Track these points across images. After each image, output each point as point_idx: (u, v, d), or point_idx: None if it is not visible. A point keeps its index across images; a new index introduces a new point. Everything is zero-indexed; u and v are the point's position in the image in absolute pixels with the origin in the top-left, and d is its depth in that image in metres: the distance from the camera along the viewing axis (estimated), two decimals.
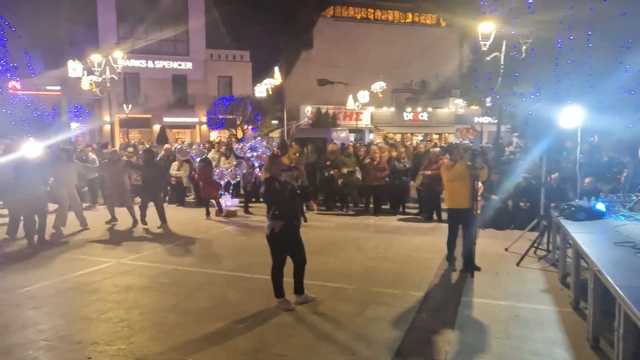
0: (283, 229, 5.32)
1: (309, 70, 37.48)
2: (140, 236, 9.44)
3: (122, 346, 4.50)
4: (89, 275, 6.75)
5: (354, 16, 41.53)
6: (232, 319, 5.15)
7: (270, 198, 5.40)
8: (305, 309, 5.45)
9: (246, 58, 36.12)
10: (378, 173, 11.44)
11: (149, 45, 32.53)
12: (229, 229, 10.39)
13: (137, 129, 31.88)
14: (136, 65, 31.73)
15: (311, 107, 34.57)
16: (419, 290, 6.09)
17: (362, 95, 28.89)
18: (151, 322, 5.09)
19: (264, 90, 31.01)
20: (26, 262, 7.57)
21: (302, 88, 36.66)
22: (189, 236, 9.45)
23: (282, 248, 5.43)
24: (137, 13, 31.93)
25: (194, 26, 33.98)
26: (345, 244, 8.81)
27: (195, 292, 6.04)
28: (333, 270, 7.01)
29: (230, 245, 8.89)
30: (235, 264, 7.32)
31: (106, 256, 7.82)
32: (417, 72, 40.33)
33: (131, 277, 6.67)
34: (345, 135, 24.04)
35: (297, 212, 5.68)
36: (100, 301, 5.72)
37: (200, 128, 34.75)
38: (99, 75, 17.97)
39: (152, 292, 6.09)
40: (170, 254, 8.06)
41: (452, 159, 7.33)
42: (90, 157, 13.64)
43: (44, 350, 4.44)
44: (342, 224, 10.80)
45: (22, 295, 5.91)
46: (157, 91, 32.86)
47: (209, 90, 34.41)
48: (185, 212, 12.48)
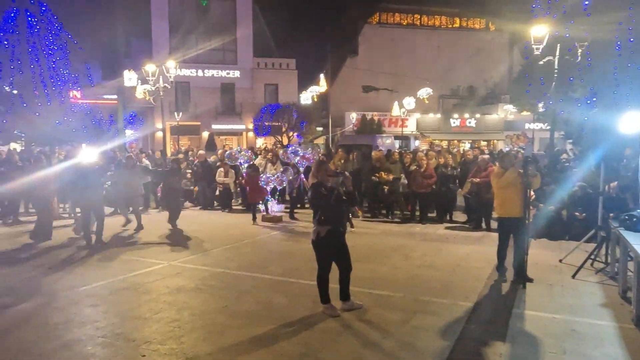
0: (328, 234, 5.34)
1: (354, 77, 37.49)
2: (190, 240, 9.72)
3: (173, 346, 4.65)
4: (143, 276, 7.01)
5: (399, 22, 41.26)
6: (278, 323, 5.21)
7: (317, 203, 5.45)
8: (351, 315, 5.43)
9: (292, 66, 36.64)
10: (425, 180, 11.28)
11: (199, 54, 33.62)
12: (275, 234, 10.53)
13: (187, 136, 32.94)
14: (187, 74, 32.83)
15: (356, 113, 34.57)
16: (467, 301, 5.95)
17: (407, 101, 28.61)
18: (201, 323, 5.23)
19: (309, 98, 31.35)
20: (85, 262, 7.97)
21: (347, 95, 36.72)
22: (236, 241, 9.64)
23: (327, 253, 5.45)
24: (188, 24, 33.10)
25: (242, 36, 34.84)
26: (391, 251, 8.73)
27: (243, 296, 6.15)
28: (379, 277, 6.96)
29: (276, 250, 9.00)
30: (281, 269, 7.40)
31: (158, 258, 8.10)
32: (464, 78, 39.52)
33: (181, 279, 6.87)
34: (391, 142, 23.88)
35: (343, 218, 5.69)
36: (153, 301, 5.93)
37: (246, 135, 35.47)
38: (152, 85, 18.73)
39: (201, 294, 6.25)
40: (218, 257, 8.25)
41: (503, 166, 7.13)
42: (144, 162, 14.22)
43: (101, 347, 4.65)
44: (387, 231, 10.71)
45: (82, 294, 6.22)
46: (206, 99, 33.86)
47: (255, 98, 35.11)
48: (233, 217, 12.75)
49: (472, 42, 39.90)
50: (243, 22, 34.85)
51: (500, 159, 7.96)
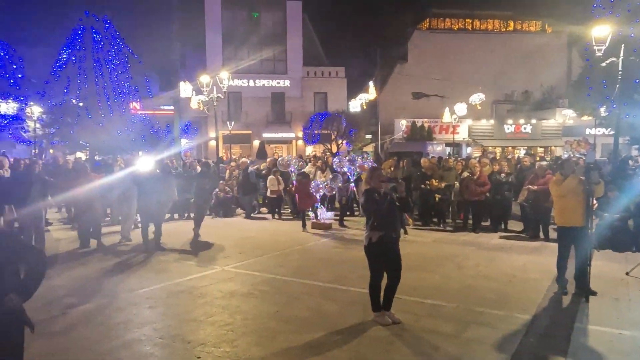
0: (380, 240, 5.30)
1: (404, 83, 37.17)
2: (241, 246, 9.91)
3: (227, 349, 4.75)
4: (197, 280, 7.23)
5: (450, 27, 40.61)
6: (329, 330, 5.21)
7: (370, 209, 5.43)
8: (402, 324, 5.34)
9: (341, 74, 36.84)
10: (478, 188, 10.97)
11: (251, 65, 34.49)
12: (325, 241, 10.56)
13: (239, 145, 33.77)
14: (239, 84, 33.73)
15: (406, 120, 34.21)
16: (525, 313, 5.71)
17: (459, 107, 27.99)
18: (253, 327, 5.32)
19: (359, 105, 31.33)
20: (144, 266, 8.31)
21: (397, 102, 36.43)
22: (286, 247, 9.75)
23: (379, 260, 5.39)
24: (240, 36, 34.09)
25: (292, 45, 35.46)
26: (443, 260, 8.54)
27: (294, 302, 6.20)
28: (431, 286, 6.82)
29: (326, 257, 9.02)
30: (331, 276, 7.40)
31: (211, 263, 8.32)
32: (519, 82, 38.26)
33: (234, 284, 7.03)
34: (442, 149, 23.47)
35: (396, 224, 5.62)
36: (207, 305, 6.09)
37: (296, 143, 35.91)
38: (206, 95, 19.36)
39: (253, 299, 6.36)
40: (269, 263, 8.38)
41: (563, 173, 6.82)
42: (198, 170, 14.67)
43: (159, 347, 4.82)
44: (439, 240, 10.49)
45: (141, 296, 6.49)
46: (257, 108, 34.64)
47: (305, 107, 35.54)
48: (282, 224, 12.91)
49: (527, 45, 38.60)
50: (293, 32, 35.48)
51: (560, 165, 7.62)
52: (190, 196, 13.90)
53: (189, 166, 15.24)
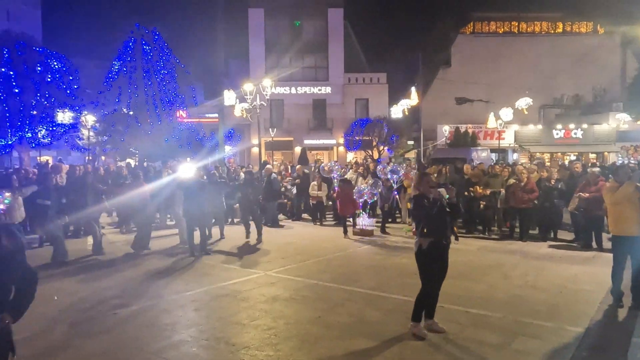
0: (431, 246, 5.20)
1: (447, 89, 36.59)
2: (284, 251, 10.01)
3: (270, 352, 4.81)
4: (241, 284, 7.36)
5: (495, 31, 39.70)
6: (371, 337, 5.17)
7: (419, 214, 5.36)
8: (447, 333, 5.23)
9: (383, 80, 36.71)
10: (525, 195, 10.62)
11: (293, 72, 34.92)
12: (366, 247, 10.51)
13: (280, 151, 34.19)
14: (281, 91, 34.21)
15: (449, 126, 33.60)
16: (577, 326, 5.47)
17: (504, 112, 27.21)
18: (295, 332, 5.36)
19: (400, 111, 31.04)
20: (189, 269, 8.54)
21: (440, 107, 35.89)
22: (328, 253, 9.77)
23: (430, 266, 5.26)
24: (283, 44, 34.62)
25: (333, 53, 35.68)
26: (489, 269, 8.31)
27: (336, 308, 6.20)
28: (476, 296, 6.65)
29: (368, 264, 8.97)
30: (373, 283, 7.36)
31: (254, 268, 8.45)
32: (568, 86, 36.85)
33: (277, 289, 7.10)
34: (487, 155, 22.89)
35: (447, 231, 5.51)
36: (251, 309, 6.19)
37: (337, 149, 35.99)
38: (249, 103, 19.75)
39: (295, 304, 6.41)
40: (311, 269, 8.42)
41: (618, 180, 6.51)
42: (241, 176, 14.96)
43: (204, 349, 4.94)
44: (483, 248, 10.22)
45: (187, 298, 6.67)
46: (299, 115, 35.00)
47: (346, 113, 35.60)
48: (325, 230, 12.94)
49: (578, 47, 37.18)
50: (334, 39, 35.70)
51: (615, 172, 7.28)
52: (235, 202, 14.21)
53: (232, 172, 15.58)
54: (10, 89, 21.41)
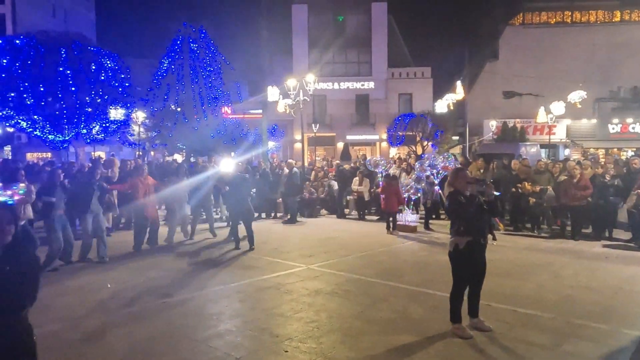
0: (468, 246, 5.03)
1: (494, 82, 35.47)
2: (326, 246, 10.04)
3: (313, 345, 4.84)
4: (284, 277, 7.45)
5: (547, 21, 38.06)
6: (415, 333, 5.12)
7: (455, 212, 5.20)
8: (492, 333, 5.10)
9: (427, 74, 36.07)
10: (578, 192, 10.17)
11: (335, 68, 34.87)
12: (410, 244, 10.39)
13: (323, 147, 34.28)
14: (323, 87, 34.26)
15: (496, 121, 32.62)
16: (634, 329, 5.20)
17: (556, 106, 26.09)
18: (338, 325, 5.37)
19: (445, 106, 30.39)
20: (235, 261, 8.73)
21: (486, 102, 34.87)
22: (370, 249, 9.73)
23: (465, 267, 5.11)
24: (326, 40, 34.62)
25: (377, 47, 35.36)
26: (537, 268, 8.03)
27: (379, 303, 6.17)
28: (524, 295, 6.44)
29: (412, 260, 8.87)
30: (417, 279, 7.27)
31: (297, 262, 8.53)
32: (626, 78, 34.84)
33: (319, 282, 7.14)
34: (536, 151, 22.06)
35: (484, 229, 5.34)
36: (294, 301, 6.25)
37: (380, 145, 35.72)
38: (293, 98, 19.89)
39: (338, 298, 6.42)
40: (354, 264, 8.41)
41: None
42: (285, 171, 15.11)
43: (249, 339, 5.04)
44: (532, 247, 9.87)
45: (232, 289, 6.83)
46: (341, 111, 34.94)
47: (389, 108, 35.24)
48: (367, 226, 12.89)
49: (636, 37, 35.10)
50: (378, 34, 35.38)
51: None
52: (278, 196, 14.39)
53: (276, 168, 15.77)
54: (67, 87, 22.50)
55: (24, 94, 22.11)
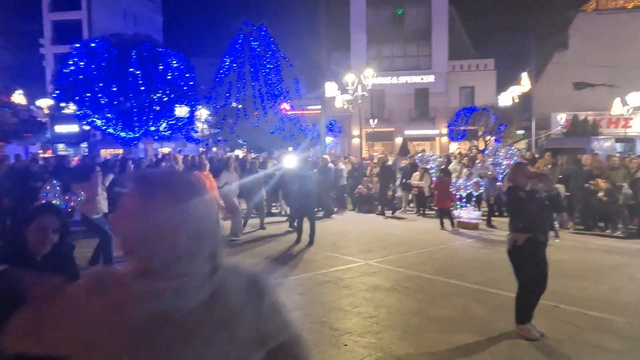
0: (528, 242, 4.79)
1: (563, 73, 33.56)
2: (385, 242, 9.99)
3: (372, 340, 4.86)
4: (342, 272, 7.50)
5: (623, 6, 35.51)
6: (477, 333, 5.00)
7: (514, 208, 5.01)
8: (561, 335, 4.89)
9: (490, 66, 34.75)
10: None
11: (394, 62, 34.40)
12: (471, 241, 10.12)
13: (381, 142, 33.97)
14: (382, 82, 33.89)
15: (565, 114, 30.90)
16: None
17: (633, 97, 24.37)
18: (397, 322, 5.35)
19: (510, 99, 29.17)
20: (295, 255, 8.90)
21: (554, 94, 33.06)
22: (429, 245, 9.58)
23: (526, 265, 4.87)
24: (384, 34, 34.24)
25: (437, 40, 34.50)
26: (611, 270, 7.58)
27: (439, 301, 6.08)
28: (596, 297, 6.11)
29: (473, 257, 8.64)
30: (479, 277, 7.08)
31: (356, 257, 8.56)
32: None
33: (378, 278, 7.13)
34: (610, 145, 20.70)
35: (545, 226, 5.09)
36: (352, 296, 6.29)
37: (440, 140, 34.89)
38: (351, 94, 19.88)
39: (397, 294, 6.39)
40: (412, 260, 8.32)
41: None
42: (340, 167, 15.18)
43: (309, 332, 5.12)
44: (605, 247, 9.32)
45: (292, 283, 6.97)
46: (400, 105, 34.44)
47: (450, 102, 34.31)
48: (426, 222, 12.68)
49: None
50: (438, 26, 34.49)
51: None
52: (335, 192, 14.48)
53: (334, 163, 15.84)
54: (137, 87, 23.75)
55: (99, 94, 23.56)
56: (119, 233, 1.24)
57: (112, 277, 1.20)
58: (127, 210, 1.20)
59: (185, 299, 1.16)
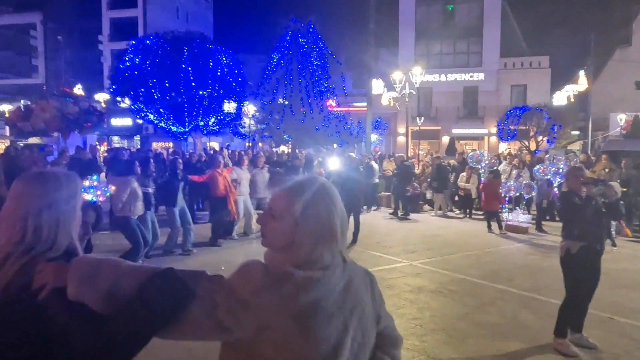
0: (582, 251, 4.58)
1: (624, 71, 31.81)
2: (430, 243, 9.85)
3: (415, 342, 4.81)
4: (386, 272, 7.45)
5: None
6: (526, 341, 4.85)
7: (567, 214, 4.79)
8: (618, 348, 4.66)
9: (544, 64, 33.40)
10: None
11: (443, 59, 33.68)
12: (520, 246, 9.80)
13: (427, 141, 33.39)
14: (430, 79, 33.30)
15: (625, 115, 29.31)
16: None
17: None
18: (442, 325, 5.27)
19: (565, 98, 27.95)
20: None
21: (614, 93, 31.41)
22: (476, 249, 9.36)
23: (579, 274, 4.66)
24: (434, 30, 33.58)
25: (489, 36, 33.49)
26: None
27: (486, 306, 5.94)
28: None
29: (522, 263, 8.37)
30: (528, 284, 6.85)
31: (400, 257, 8.48)
32: None
33: (422, 280, 7.04)
34: None
35: (602, 234, 4.86)
36: (396, 297, 6.24)
37: (489, 139, 33.93)
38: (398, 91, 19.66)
39: (442, 297, 6.29)
40: (458, 263, 8.15)
41: None
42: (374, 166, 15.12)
43: None
44: None
45: None
46: (448, 103, 33.72)
47: (500, 101, 33.26)
48: (473, 224, 12.40)
49: None
50: (490, 22, 33.46)
51: None
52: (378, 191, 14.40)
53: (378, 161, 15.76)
54: (188, 82, 24.46)
55: (152, 89, 24.43)
56: (273, 230, 1.42)
57: (276, 269, 1.36)
58: (284, 210, 1.40)
59: (332, 287, 1.38)
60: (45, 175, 1.52)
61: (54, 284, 1.29)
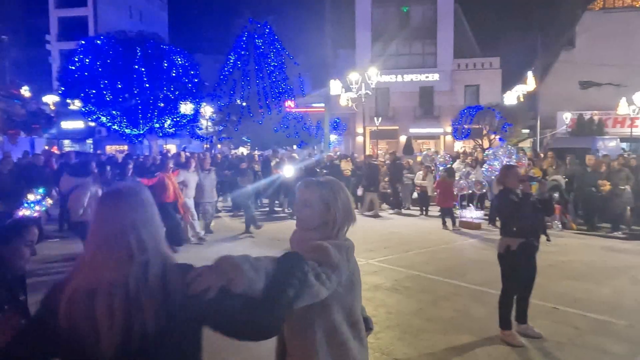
0: (521, 247, 4.74)
1: (569, 72, 33.33)
2: (386, 241, 9.99)
3: (370, 340, 4.82)
4: None
5: (631, 5, 35.22)
6: (477, 334, 4.99)
7: (505, 212, 4.95)
8: (562, 337, 4.87)
9: (495, 65, 34.60)
10: None
11: (399, 60, 34.27)
12: (473, 241, 10.10)
13: (385, 140, 33.88)
14: (386, 80, 33.80)
15: (571, 113, 30.75)
16: None
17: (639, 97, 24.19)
18: (396, 322, 5.35)
19: (515, 98, 29.05)
20: None
21: (560, 93, 32.86)
22: (432, 245, 9.57)
23: (517, 270, 4.82)
24: (390, 32, 34.11)
25: (443, 38, 34.35)
26: (614, 271, 7.54)
27: (439, 301, 6.08)
28: (597, 300, 6.08)
29: (475, 258, 8.61)
30: (480, 278, 7.06)
31: (360, 256, 8.39)
32: None
33: (379, 278, 7.13)
34: (615, 145, 20.59)
35: (539, 230, 5.05)
36: None
37: (444, 138, 34.81)
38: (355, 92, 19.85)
39: (397, 294, 6.39)
40: (414, 260, 8.31)
41: None
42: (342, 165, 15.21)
43: None
44: (609, 248, 9.27)
45: None
46: (405, 103, 34.34)
47: (455, 100, 34.20)
48: (428, 222, 12.67)
49: None
50: (444, 24, 34.35)
51: None
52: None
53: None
54: (142, 84, 23.82)
55: (104, 91, 23.65)
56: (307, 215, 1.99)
57: (332, 241, 1.91)
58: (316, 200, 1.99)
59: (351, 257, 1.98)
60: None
61: (218, 283, 1.51)
